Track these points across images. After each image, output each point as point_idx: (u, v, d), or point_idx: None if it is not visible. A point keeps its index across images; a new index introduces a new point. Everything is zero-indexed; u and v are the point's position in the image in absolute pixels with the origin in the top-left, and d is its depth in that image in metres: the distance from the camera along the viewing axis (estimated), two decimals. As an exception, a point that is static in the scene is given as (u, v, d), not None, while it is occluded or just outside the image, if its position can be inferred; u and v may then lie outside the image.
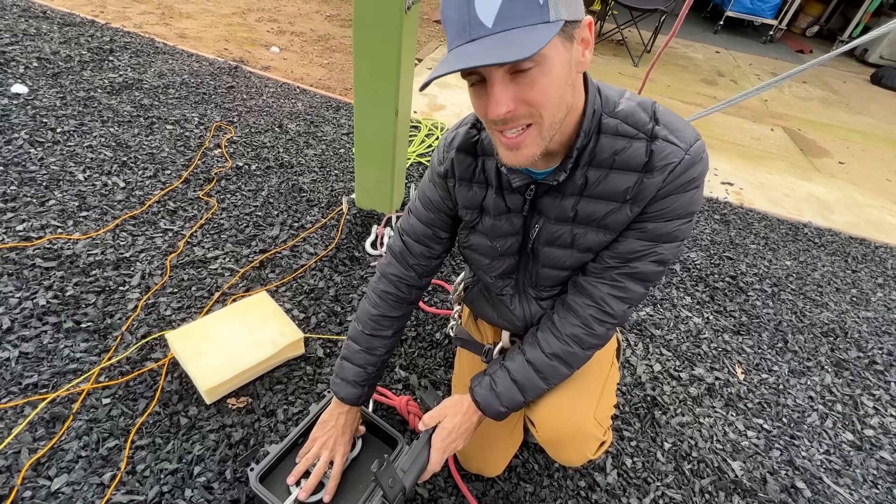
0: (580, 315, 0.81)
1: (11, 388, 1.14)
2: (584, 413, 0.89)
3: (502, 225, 0.82)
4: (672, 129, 0.69)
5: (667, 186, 0.70)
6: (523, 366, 0.84)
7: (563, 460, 0.95)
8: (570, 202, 0.75)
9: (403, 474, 0.85)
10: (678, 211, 0.72)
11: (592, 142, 0.71)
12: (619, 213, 0.74)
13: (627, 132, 0.70)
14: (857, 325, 1.84)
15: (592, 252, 0.80)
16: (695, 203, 0.72)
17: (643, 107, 0.71)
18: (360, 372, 0.96)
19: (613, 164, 0.71)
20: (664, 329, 1.66)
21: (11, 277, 1.38)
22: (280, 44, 3.39)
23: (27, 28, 2.68)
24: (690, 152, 0.68)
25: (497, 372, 0.87)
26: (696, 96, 3.83)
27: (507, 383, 0.85)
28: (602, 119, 0.70)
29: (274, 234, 1.73)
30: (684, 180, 0.69)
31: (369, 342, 0.96)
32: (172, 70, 2.63)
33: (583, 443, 0.89)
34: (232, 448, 1.12)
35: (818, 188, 2.82)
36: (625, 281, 0.78)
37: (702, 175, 0.71)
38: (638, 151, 0.69)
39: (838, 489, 1.27)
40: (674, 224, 0.73)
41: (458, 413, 0.88)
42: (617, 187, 0.72)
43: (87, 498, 0.99)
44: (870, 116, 4.12)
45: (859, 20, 5.47)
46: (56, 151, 1.88)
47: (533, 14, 0.53)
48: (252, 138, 2.22)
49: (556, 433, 0.89)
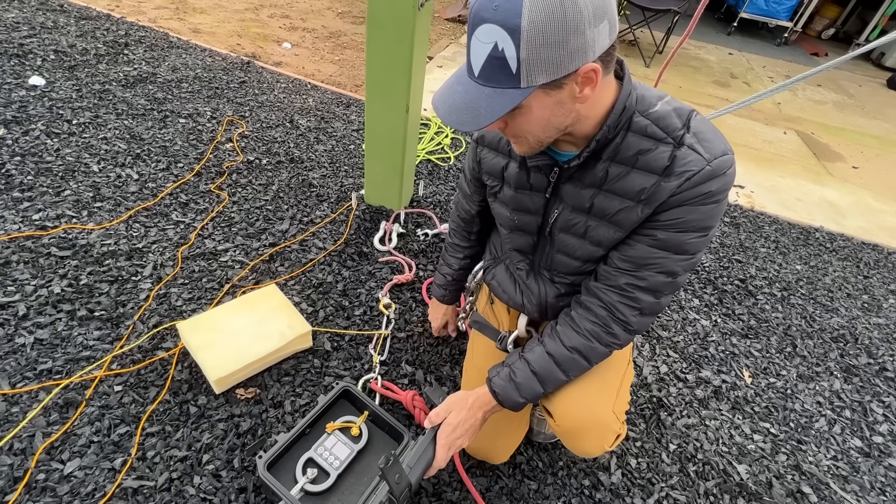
0: (597, 314, 0.83)
1: (26, 374, 1.16)
2: (603, 405, 0.90)
3: (523, 199, 0.86)
4: (700, 139, 0.69)
5: (681, 193, 0.70)
6: (543, 357, 0.86)
7: (580, 450, 0.95)
8: (588, 193, 0.77)
9: (409, 470, 0.86)
10: (693, 224, 0.72)
11: (620, 138, 0.72)
12: (631, 212, 0.74)
13: (656, 134, 0.70)
14: (868, 331, 1.82)
15: (602, 247, 0.81)
16: (711, 218, 0.72)
17: (678, 113, 0.71)
18: (442, 279, 1.26)
19: (636, 163, 0.72)
20: (671, 331, 1.65)
21: (28, 265, 1.40)
22: (292, 40, 3.41)
23: (45, 21, 2.72)
24: (713, 164, 0.68)
25: (516, 363, 0.88)
26: (709, 98, 3.79)
27: (527, 374, 0.86)
28: (633, 117, 0.71)
29: (283, 228, 1.74)
30: (700, 191, 0.69)
31: (448, 259, 1.23)
32: (186, 64, 2.65)
33: (601, 434, 0.90)
34: (240, 437, 1.13)
35: (831, 192, 2.79)
36: (634, 291, 0.79)
37: (721, 190, 0.70)
38: (662, 155, 0.70)
39: (845, 495, 1.26)
40: (687, 236, 0.73)
41: (462, 409, 0.90)
42: (634, 186, 0.73)
43: (99, 482, 1.01)
44: (885, 121, 4.06)
45: (876, 23, 5.38)
46: (72, 143, 1.91)
47: (505, 80, 0.60)
48: (263, 133, 2.24)
49: (575, 423, 0.89)
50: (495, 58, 0.58)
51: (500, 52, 0.58)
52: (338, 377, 1.30)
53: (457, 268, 1.23)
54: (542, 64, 0.58)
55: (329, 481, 1.00)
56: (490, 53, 0.59)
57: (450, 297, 1.30)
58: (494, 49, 0.58)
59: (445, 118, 0.65)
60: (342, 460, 1.04)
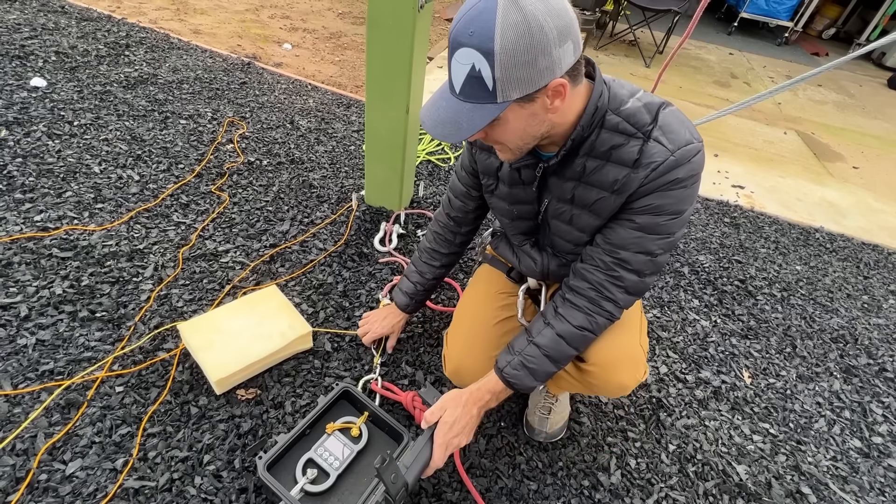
0: (589, 296, 0.89)
1: (28, 374, 1.17)
2: (632, 340, 0.98)
3: (518, 193, 0.95)
4: (666, 131, 0.76)
5: (649, 183, 0.77)
6: (554, 339, 0.90)
7: (617, 384, 0.97)
8: (570, 185, 0.86)
9: (406, 470, 0.87)
10: (665, 208, 0.79)
11: (594, 135, 0.79)
12: (607, 202, 0.83)
13: (627, 130, 0.77)
14: (868, 331, 1.82)
15: (586, 233, 0.90)
16: (682, 202, 0.79)
17: (648, 108, 0.77)
18: (411, 287, 1.24)
19: (610, 157, 0.79)
20: (671, 331, 1.66)
21: (29, 267, 1.41)
22: (292, 41, 3.42)
23: (46, 22, 2.73)
24: (676, 154, 0.75)
25: (527, 349, 0.92)
26: (709, 98, 3.79)
27: (541, 359, 0.91)
28: (606, 115, 0.78)
29: (284, 229, 1.75)
30: (667, 179, 0.77)
31: (421, 267, 1.22)
32: (186, 65, 2.66)
33: (634, 365, 0.97)
34: (241, 438, 1.14)
35: (831, 193, 2.79)
36: (618, 270, 0.86)
37: (689, 177, 0.77)
38: (633, 149, 0.77)
39: (844, 496, 1.26)
40: (661, 218, 0.80)
41: (457, 406, 0.93)
42: (608, 178, 0.80)
43: (101, 482, 1.01)
44: (886, 121, 4.06)
45: (877, 23, 5.38)
46: (73, 144, 1.92)
47: (483, 97, 0.67)
48: (264, 134, 2.25)
49: (609, 357, 0.95)
50: (473, 77, 0.66)
51: (478, 72, 0.65)
52: (338, 378, 1.31)
53: (430, 277, 1.23)
54: (515, 81, 0.65)
55: (329, 482, 1.01)
56: (469, 73, 0.66)
57: (413, 306, 1.29)
58: (472, 70, 0.65)
59: (432, 131, 0.72)
60: (342, 461, 1.04)
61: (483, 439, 1.23)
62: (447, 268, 1.24)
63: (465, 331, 1.12)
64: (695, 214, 2.33)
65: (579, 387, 1.04)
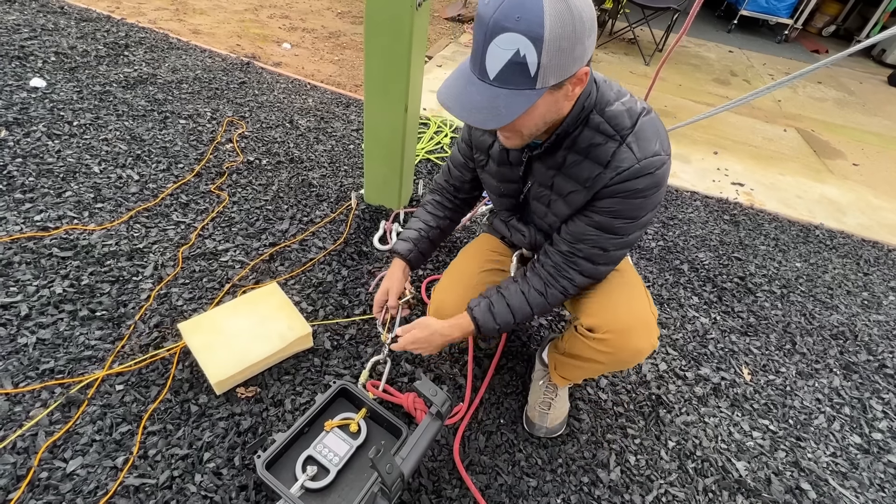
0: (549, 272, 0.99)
1: (29, 373, 1.17)
2: (643, 306, 1.01)
3: (505, 172, 1.01)
4: (639, 139, 0.81)
5: (612, 186, 0.83)
6: (518, 294, 1.02)
7: (632, 349, 0.99)
8: (550, 173, 0.92)
9: (402, 461, 0.87)
10: (623, 213, 0.86)
11: (578, 131, 0.84)
12: (579, 195, 0.89)
13: (607, 131, 0.82)
14: (868, 328, 1.82)
15: (559, 218, 0.97)
16: (640, 209, 0.86)
17: (630, 113, 0.82)
18: (414, 233, 1.21)
19: (588, 154, 0.85)
20: (671, 328, 1.66)
21: (29, 266, 1.41)
22: (291, 40, 3.42)
23: (45, 23, 2.73)
24: (641, 163, 0.80)
25: (494, 296, 1.04)
26: (708, 96, 3.79)
27: (503, 306, 1.02)
28: (590, 115, 0.83)
29: (283, 227, 1.75)
30: (628, 187, 0.82)
31: (425, 216, 1.23)
32: (186, 65, 2.66)
33: (648, 330, 0.99)
34: (241, 436, 1.14)
35: (831, 190, 2.79)
36: (574, 257, 0.95)
37: (650, 188, 0.82)
38: (609, 150, 0.82)
39: (844, 491, 1.26)
40: (617, 221, 0.87)
41: (425, 330, 1.08)
42: (583, 173, 0.86)
43: (101, 480, 1.02)
44: (886, 118, 4.05)
45: (877, 20, 5.37)
46: (73, 144, 1.92)
47: (524, 82, 0.68)
48: (263, 133, 2.25)
49: (623, 324, 0.98)
50: (516, 63, 0.66)
51: (522, 57, 0.65)
52: (338, 376, 1.31)
53: (434, 225, 1.22)
54: (555, 68, 0.67)
55: (329, 478, 1.01)
56: (511, 59, 0.66)
57: (415, 255, 1.20)
58: (516, 55, 0.65)
59: (465, 117, 0.72)
60: (341, 457, 1.05)
61: (483, 436, 1.23)
62: (452, 222, 1.26)
63: (452, 276, 1.22)
64: (694, 212, 2.33)
65: (595, 364, 1.05)
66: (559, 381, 1.21)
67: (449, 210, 1.24)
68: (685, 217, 2.27)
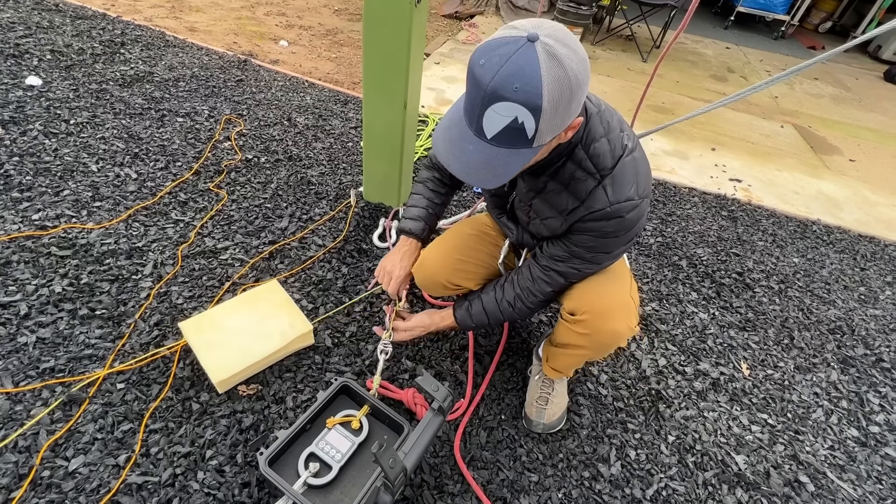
0: (525, 285, 1.08)
1: (29, 372, 1.17)
2: (622, 290, 1.05)
3: None
4: (615, 182, 0.84)
5: (585, 223, 0.89)
6: (492, 301, 1.14)
7: (609, 331, 1.02)
8: (530, 194, 0.96)
9: (405, 456, 0.88)
10: (596, 248, 0.93)
11: (561, 162, 0.87)
12: (556, 221, 0.94)
13: (588, 168, 0.85)
14: (865, 322, 1.83)
15: (536, 239, 1.05)
16: (612, 245, 0.91)
17: (613, 153, 0.84)
18: (422, 212, 1.23)
19: (568, 186, 0.88)
20: (669, 324, 1.66)
21: (28, 265, 1.41)
22: (289, 38, 3.41)
23: (40, 21, 2.71)
24: (612, 207, 0.84)
25: (474, 301, 1.18)
26: (706, 92, 3.80)
27: (479, 310, 1.16)
28: (576, 149, 0.85)
29: (283, 225, 1.75)
30: (599, 227, 0.87)
31: (429, 194, 1.24)
32: (183, 63, 2.65)
33: (626, 313, 1.02)
34: (243, 433, 1.14)
35: (828, 186, 2.80)
36: (550, 272, 1.02)
37: (620, 230, 0.87)
38: (587, 186, 0.86)
39: (842, 484, 1.28)
40: (589, 254, 0.94)
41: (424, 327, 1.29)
42: (561, 203, 0.90)
43: (104, 478, 1.02)
44: (882, 114, 4.07)
45: (873, 16, 5.38)
46: (70, 143, 1.91)
47: (521, 143, 0.69)
48: (261, 131, 2.24)
49: (601, 305, 1.02)
50: (514, 128, 0.67)
51: (520, 124, 0.66)
52: (339, 373, 1.31)
53: (438, 202, 1.25)
54: (552, 129, 0.69)
55: (331, 474, 1.01)
56: (509, 125, 0.67)
57: (427, 232, 1.25)
58: (514, 122, 0.66)
59: (464, 177, 0.75)
60: (343, 453, 1.05)
61: (484, 432, 1.24)
62: (449, 197, 1.29)
63: (441, 239, 1.28)
64: (693, 208, 2.33)
65: (579, 350, 1.09)
66: (551, 373, 1.23)
67: (448, 187, 1.26)
68: (683, 213, 2.28)
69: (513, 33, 0.65)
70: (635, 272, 1.86)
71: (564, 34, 0.66)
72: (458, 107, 0.76)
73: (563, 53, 0.64)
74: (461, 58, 3.58)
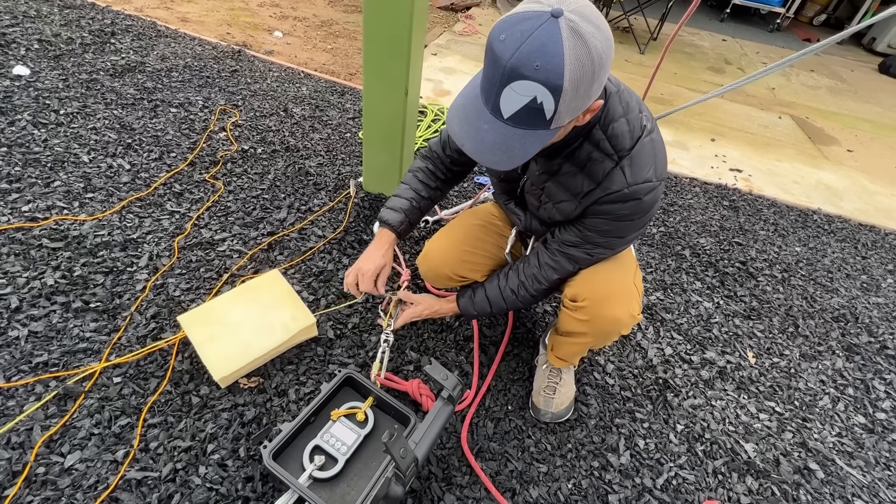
0: (531, 272, 1.06)
1: (21, 367, 1.13)
2: (624, 277, 1.03)
3: None
4: (633, 163, 0.81)
5: (601, 206, 0.85)
6: (496, 289, 1.13)
7: (610, 318, 1.00)
8: (543, 177, 0.93)
9: (415, 446, 0.85)
10: (610, 232, 0.90)
11: (578, 143, 0.84)
12: (570, 205, 0.90)
13: (606, 149, 0.82)
14: (868, 310, 1.83)
15: (546, 225, 1.03)
16: (627, 230, 0.89)
17: (632, 133, 0.81)
18: (405, 203, 1.15)
19: (584, 167, 0.85)
20: (675, 313, 1.65)
21: (18, 257, 1.36)
22: (283, 28, 3.35)
23: (27, 10, 2.63)
24: (630, 189, 0.81)
25: (478, 290, 1.17)
26: (703, 84, 3.79)
27: (482, 297, 1.15)
28: (594, 129, 0.82)
29: (281, 216, 1.71)
30: (615, 210, 0.84)
31: (417, 185, 1.17)
32: (175, 53, 2.59)
33: (627, 299, 1.00)
34: (245, 427, 1.11)
35: (827, 176, 2.80)
36: (559, 256, 1.00)
37: (636, 213, 0.84)
38: (605, 168, 0.83)
39: (851, 471, 1.27)
40: (603, 238, 0.92)
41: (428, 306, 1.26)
42: (577, 185, 0.87)
43: (101, 474, 0.98)
44: (878, 105, 4.08)
45: (867, 8, 5.39)
46: (60, 133, 1.86)
47: (538, 124, 0.66)
48: (257, 122, 2.20)
49: (601, 291, 1.00)
50: (532, 108, 0.64)
51: (539, 104, 0.63)
52: (342, 365, 1.28)
53: (425, 195, 1.15)
54: (572, 110, 0.66)
55: (337, 467, 0.99)
56: (527, 105, 0.64)
57: (406, 227, 1.15)
58: (532, 101, 0.63)
59: (478, 157, 0.72)
60: (349, 446, 1.02)
61: (491, 423, 1.22)
62: (441, 193, 1.20)
63: (446, 230, 1.27)
64: (694, 198, 2.32)
65: (581, 337, 1.07)
66: (556, 361, 1.21)
67: (440, 181, 1.18)
68: (685, 203, 2.27)
69: (536, 7, 0.61)
70: (639, 262, 1.85)
71: (591, 10, 0.62)
72: (475, 83, 0.72)
73: (588, 31, 0.60)
74: (458, 49, 3.55)
